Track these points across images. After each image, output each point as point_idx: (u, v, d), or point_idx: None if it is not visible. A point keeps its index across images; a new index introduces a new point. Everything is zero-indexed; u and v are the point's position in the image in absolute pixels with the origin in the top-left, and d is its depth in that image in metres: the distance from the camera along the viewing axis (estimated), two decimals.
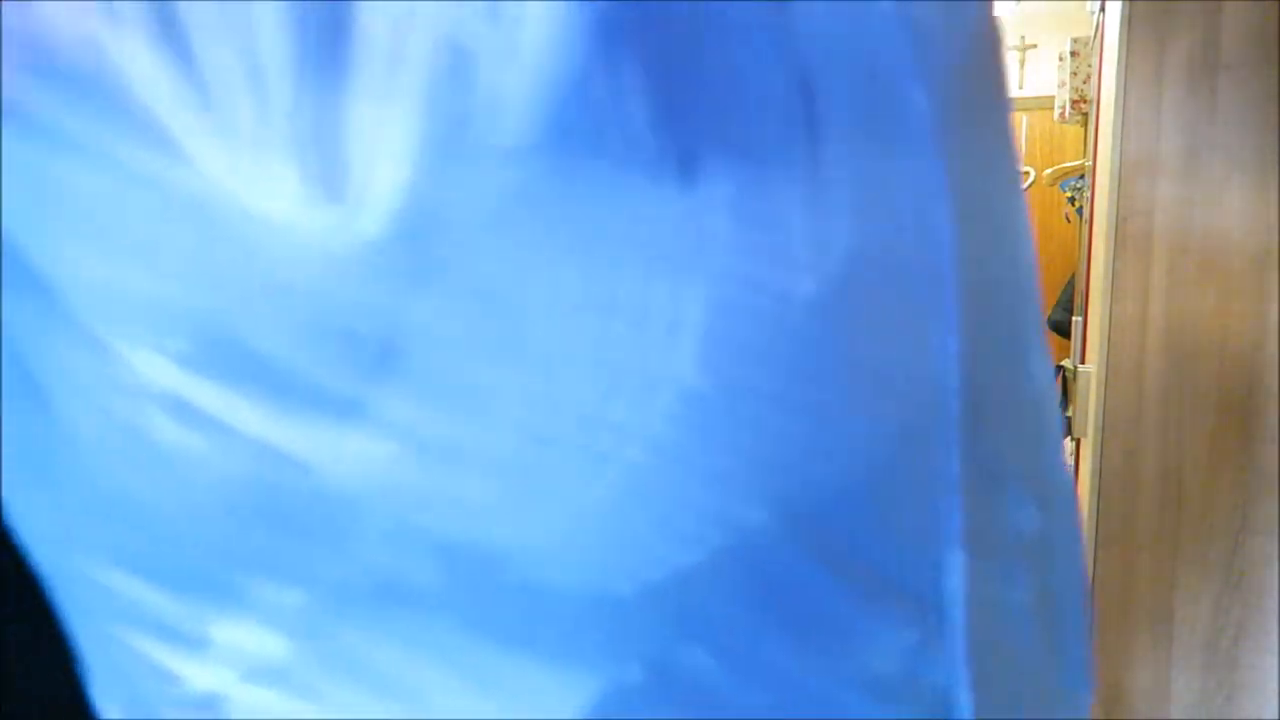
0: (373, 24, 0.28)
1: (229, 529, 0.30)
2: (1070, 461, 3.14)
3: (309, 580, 0.30)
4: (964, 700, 0.36)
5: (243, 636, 0.31)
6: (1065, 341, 3.78)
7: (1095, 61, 2.38)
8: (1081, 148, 4.34)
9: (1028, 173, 5.73)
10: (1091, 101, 2.87)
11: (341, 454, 0.28)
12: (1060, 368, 3.99)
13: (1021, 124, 5.69)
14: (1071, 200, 4.21)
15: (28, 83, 0.28)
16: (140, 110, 0.28)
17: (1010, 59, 5.57)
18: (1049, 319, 4.13)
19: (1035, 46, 5.53)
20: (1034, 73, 5.54)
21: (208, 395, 0.29)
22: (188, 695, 0.32)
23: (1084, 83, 3.73)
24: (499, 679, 0.30)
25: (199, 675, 0.31)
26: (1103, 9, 1.77)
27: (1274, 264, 1.26)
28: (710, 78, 0.29)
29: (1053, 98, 4.34)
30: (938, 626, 0.35)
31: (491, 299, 0.28)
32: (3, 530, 0.34)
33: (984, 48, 0.39)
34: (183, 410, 0.29)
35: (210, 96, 0.28)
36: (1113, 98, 1.34)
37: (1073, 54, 3.91)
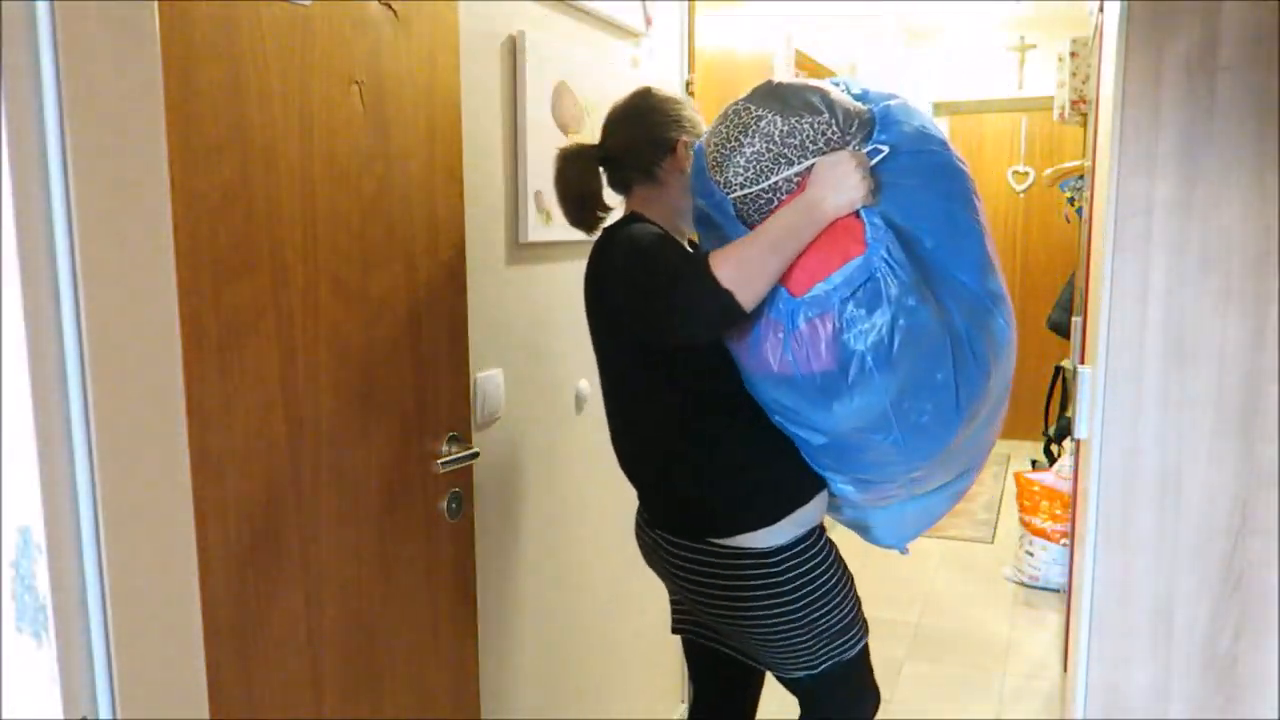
0: None
1: None
2: (1070, 462, 3.14)
3: None
4: None
5: None
6: (1065, 341, 3.78)
7: (1094, 62, 2.38)
8: (1081, 148, 4.34)
9: (1027, 173, 5.73)
10: (1091, 102, 2.87)
11: None
12: (1060, 368, 3.98)
13: (1021, 124, 5.69)
14: (1071, 200, 4.21)
15: None
16: None
17: (1010, 59, 5.56)
18: (1048, 319, 4.13)
19: (1035, 46, 5.52)
20: (1034, 73, 5.54)
21: None
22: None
23: (1083, 83, 3.73)
24: None
25: None
26: (1101, 9, 1.77)
27: (1274, 264, 1.26)
28: None
29: (1052, 98, 4.33)
30: None
31: None
32: None
33: None
34: None
35: None
36: (1111, 98, 1.34)
37: (1072, 54, 3.90)
